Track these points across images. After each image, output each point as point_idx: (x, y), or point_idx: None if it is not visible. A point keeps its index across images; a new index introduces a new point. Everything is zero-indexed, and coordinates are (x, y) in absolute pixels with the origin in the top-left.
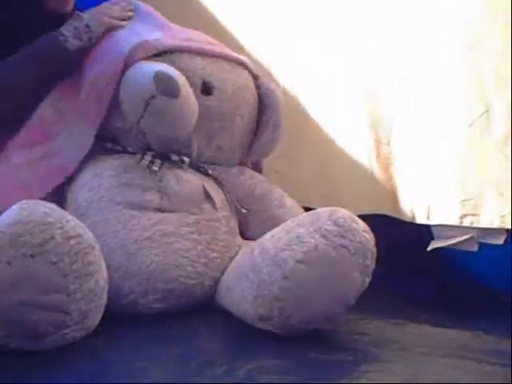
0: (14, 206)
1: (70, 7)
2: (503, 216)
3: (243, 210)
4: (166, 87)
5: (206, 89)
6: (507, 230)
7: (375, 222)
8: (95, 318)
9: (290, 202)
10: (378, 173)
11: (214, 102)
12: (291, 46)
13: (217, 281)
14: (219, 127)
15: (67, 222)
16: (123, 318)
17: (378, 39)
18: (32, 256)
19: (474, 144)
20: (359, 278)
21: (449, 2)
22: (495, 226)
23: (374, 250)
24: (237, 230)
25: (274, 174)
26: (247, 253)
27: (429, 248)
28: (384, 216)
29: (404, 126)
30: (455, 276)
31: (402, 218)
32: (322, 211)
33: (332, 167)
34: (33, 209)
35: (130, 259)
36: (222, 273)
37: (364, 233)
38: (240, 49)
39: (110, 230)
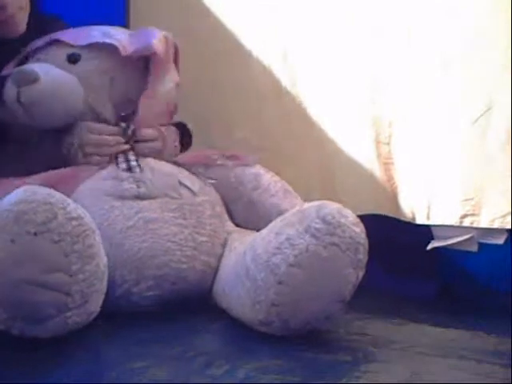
0: (17, 189)
1: (21, 29)
2: (504, 216)
3: (211, 181)
4: (22, 78)
5: (72, 59)
6: (507, 230)
7: (375, 222)
8: (96, 304)
9: (264, 179)
10: (378, 173)
11: (85, 66)
12: (293, 45)
13: (209, 266)
14: (110, 80)
15: (68, 204)
16: (122, 318)
17: (378, 39)
18: (35, 234)
19: (475, 142)
20: (353, 273)
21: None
22: (496, 226)
23: (366, 242)
24: (225, 216)
25: None
26: (240, 256)
27: (428, 247)
28: (384, 216)
29: (404, 126)
30: (455, 276)
31: (401, 218)
32: (308, 207)
33: (332, 167)
34: (36, 190)
35: (118, 249)
36: (214, 257)
37: (353, 226)
38: (241, 48)
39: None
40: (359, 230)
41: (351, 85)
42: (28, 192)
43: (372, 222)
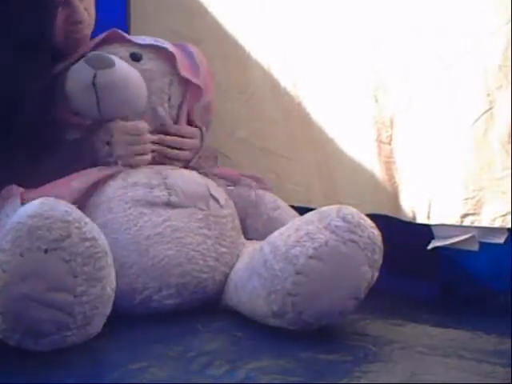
0: (35, 201)
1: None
2: (504, 215)
3: (230, 187)
4: (99, 61)
5: (135, 57)
6: (508, 229)
7: (375, 222)
8: (97, 326)
9: (282, 203)
10: (379, 173)
11: (148, 64)
12: (292, 46)
13: (226, 276)
14: (169, 82)
15: (85, 223)
16: (122, 319)
17: (379, 38)
18: (46, 251)
19: (476, 142)
20: (369, 272)
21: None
22: (496, 225)
23: (382, 245)
24: (240, 229)
25: (273, 174)
26: (256, 251)
27: (429, 247)
28: (384, 216)
29: (405, 125)
30: (455, 276)
31: (402, 218)
32: (328, 209)
33: (332, 167)
34: (54, 205)
35: (143, 255)
36: (231, 269)
37: (371, 228)
38: (240, 48)
39: (121, 228)
40: (377, 232)
41: (352, 84)
42: (45, 206)
43: (372, 221)
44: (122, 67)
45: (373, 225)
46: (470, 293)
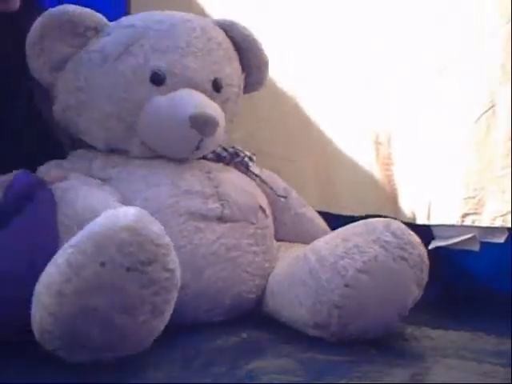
0: (129, 211)
1: (15, 5)
2: (504, 215)
3: (282, 199)
4: (209, 130)
5: (217, 88)
6: (508, 229)
7: None
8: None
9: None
10: (378, 174)
11: (227, 93)
12: (290, 46)
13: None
14: (234, 103)
15: (171, 251)
16: None
17: (379, 38)
18: (128, 269)
19: (477, 141)
20: (416, 290)
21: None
22: (497, 224)
23: (428, 263)
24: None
25: None
26: (299, 259)
27: (430, 247)
28: (384, 217)
29: (404, 126)
30: (455, 277)
31: (402, 218)
32: (375, 221)
33: (331, 169)
34: (148, 223)
35: (198, 277)
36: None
37: (420, 246)
38: None
39: (176, 245)
40: (424, 250)
41: (350, 86)
42: (140, 223)
43: None
44: (221, 124)
45: (420, 241)
46: (470, 293)
